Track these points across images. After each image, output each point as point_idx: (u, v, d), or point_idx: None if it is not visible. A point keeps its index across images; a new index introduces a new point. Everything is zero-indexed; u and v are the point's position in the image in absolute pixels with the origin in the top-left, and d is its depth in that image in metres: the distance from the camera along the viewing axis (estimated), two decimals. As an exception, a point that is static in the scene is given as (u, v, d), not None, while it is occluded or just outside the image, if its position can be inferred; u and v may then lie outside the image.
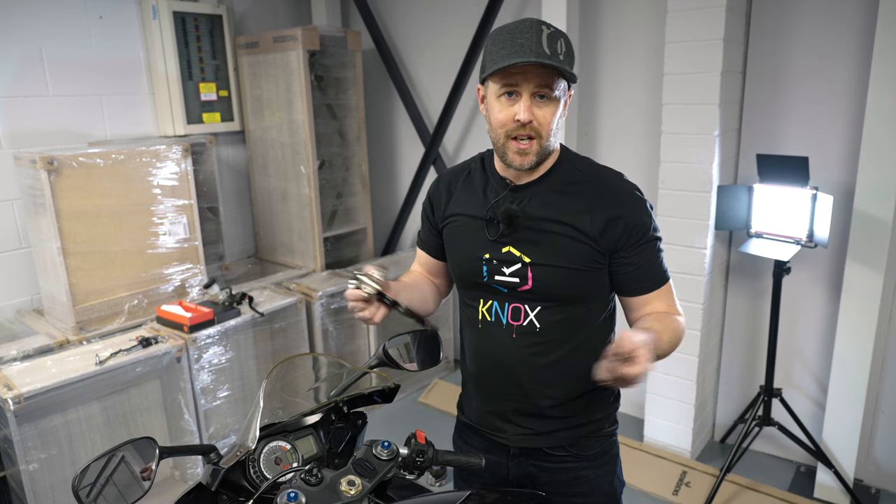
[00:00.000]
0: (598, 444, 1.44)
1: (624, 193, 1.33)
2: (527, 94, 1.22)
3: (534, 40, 1.18)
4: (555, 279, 1.31)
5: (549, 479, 1.44)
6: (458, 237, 1.43)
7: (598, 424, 1.43)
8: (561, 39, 1.22)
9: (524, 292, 1.33)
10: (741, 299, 3.00)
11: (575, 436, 1.41)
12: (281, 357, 2.98)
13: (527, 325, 1.35)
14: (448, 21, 3.61)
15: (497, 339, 1.38)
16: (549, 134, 1.25)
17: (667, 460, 2.93)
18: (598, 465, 1.45)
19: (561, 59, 1.20)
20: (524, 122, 1.22)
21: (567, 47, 1.23)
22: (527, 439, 1.42)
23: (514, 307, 1.35)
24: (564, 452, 1.42)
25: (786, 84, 2.67)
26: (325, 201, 3.66)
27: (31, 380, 2.22)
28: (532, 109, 1.22)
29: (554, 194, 1.32)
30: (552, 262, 1.30)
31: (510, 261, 1.33)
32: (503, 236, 1.33)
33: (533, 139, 1.24)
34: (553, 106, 1.24)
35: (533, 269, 1.31)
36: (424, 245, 1.56)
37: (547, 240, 1.31)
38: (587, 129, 3.21)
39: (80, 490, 1.01)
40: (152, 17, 3.15)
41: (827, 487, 2.69)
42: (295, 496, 0.99)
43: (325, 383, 1.47)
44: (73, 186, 2.56)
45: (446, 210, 1.46)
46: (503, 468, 1.47)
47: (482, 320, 1.40)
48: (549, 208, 1.31)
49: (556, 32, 1.22)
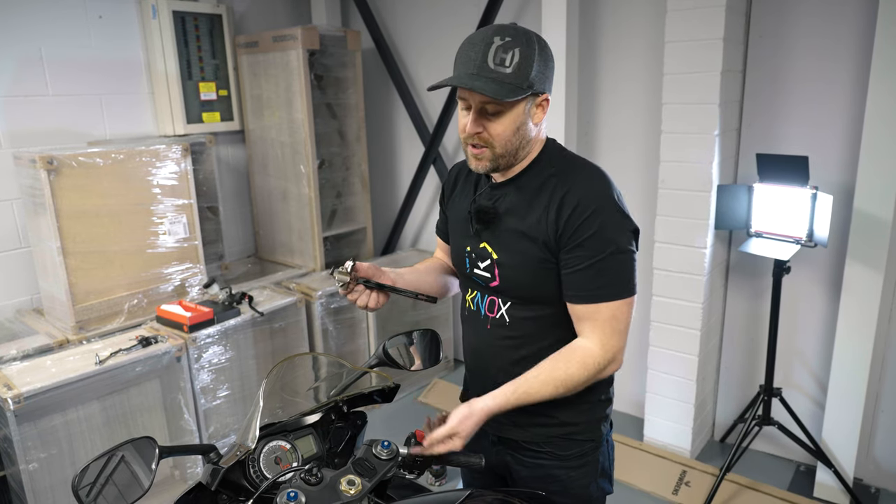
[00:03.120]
0: (575, 447, 1.43)
1: (584, 183, 1.28)
2: (475, 108, 1.25)
3: (480, 54, 1.20)
4: (517, 279, 1.35)
5: (525, 472, 1.47)
6: (454, 228, 1.50)
7: (573, 428, 1.42)
8: (514, 50, 1.19)
9: (495, 287, 1.39)
10: (741, 299, 3.00)
11: (547, 434, 1.42)
12: (281, 357, 2.98)
13: (498, 319, 1.40)
14: (448, 21, 3.61)
15: (477, 329, 1.46)
16: (504, 143, 1.27)
17: (666, 460, 2.94)
18: (572, 466, 1.43)
19: (508, 71, 1.19)
20: (470, 133, 1.27)
21: (521, 57, 1.19)
22: (503, 428, 1.45)
23: (490, 299, 1.41)
24: (539, 449, 1.44)
25: (786, 84, 2.67)
26: (324, 201, 3.66)
27: (30, 379, 2.22)
28: (482, 122, 1.25)
29: (525, 192, 1.34)
30: (514, 263, 1.34)
31: (484, 256, 1.39)
32: (478, 232, 1.39)
33: (485, 147, 1.28)
34: (505, 119, 1.24)
35: (499, 266, 1.36)
36: (440, 231, 1.63)
37: (510, 240, 1.34)
38: (587, 129, 3.21)
39: (80, 490, 1.01)
40: (152, 17, 3.15)
41: (827, 487, 2.69)
42: (295, 496, 0.99)
43: (324, 383, 1.48)
44: (72, 186, 2.56)
45: (450, 200, 1.53)
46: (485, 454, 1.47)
47: (468, 309, 1.48)
48: (515, 207, 1.34)
49: (509, 43, 1.19)
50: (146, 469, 1.06)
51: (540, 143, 1.36)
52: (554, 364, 1.29)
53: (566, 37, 2.92)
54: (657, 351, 2.94)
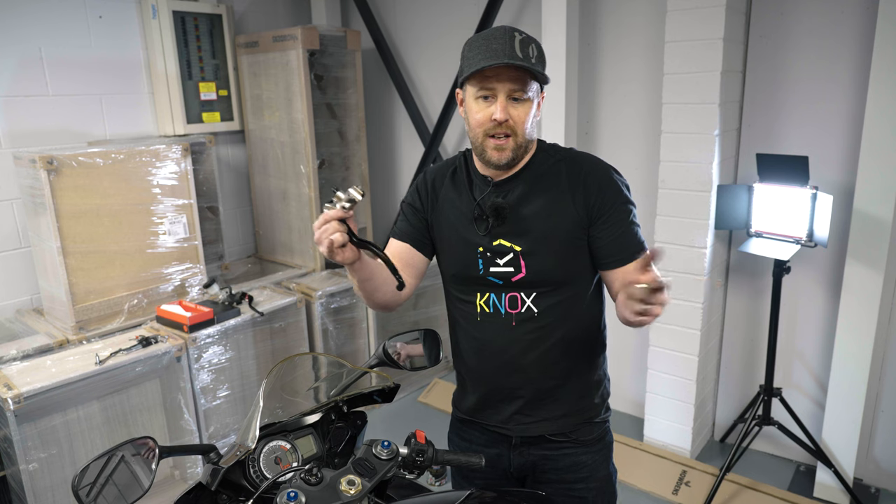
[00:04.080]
0: (596, 430, 1.50)
1: (593, 162, 1.42)
2: (503, 95, 1.29)
3: (507, 45, 1.27)
4: (546, 263, 1.38)
5: (550, 466, 1.48)
6: (451, 235, 1.46)
7: (596, 409, 1.49)
8: (532, 45, 1.30)
9: (519, 280, 1.39)
10: (741, 299, 3.00)
11: (575, 422, 1.47)
12: (281, 357, 2.98)
13: (525, 312, 1.41)
14: (448, 21, 3.61)
15: (497, 330, 1.43)
16: (524, 132, 1.33)
17: (666, 460, 2.94)
18: (595, 450, 1.50)
19: (533, 62, 1.29)
20: (500, 120, 1.30)
21: (539, 52, 1.32)
22: (529, 427, 1.47)
23: (511, 296, 1.41)
24: (565, 438, 1.47)
25: (786, 84, 2.67)
26: (324, 201, 3.65)
27: (30, 379, 2.22)
28: (507, 109, 1.30)
29: (534, 182, 1.39)
30: (542, 247, 1.37)
31: (503, 252, 1.39)
32: (493, 230, 1.39)
33: (510, 136, 1.32)
34: (527, 106, 1.32)
35: (525, 257, 1.38)
36: (403, 235, 1.51)
37: (534, 226, 1.37)
38: (587, 129, 3.21)
39: (80, 489, 1.01)
40: (152, 17, 3.15)
41: (827, 487, 2.69)
42: (295, 496, 0.99)
43: (324, 383, 1.48)
44: (72, 186, 2.56)
45: (435, 206, 1.48)
46: (504, 460, 1.51)
47: (480, 313, 1.45)
48: (531, 195, 1.39)
49: (527, 38, 1.30)
50: (146, 469, 1.06)
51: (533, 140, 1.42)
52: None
53: (566, 37, 2.92)
54: (657, 351, 2.94)
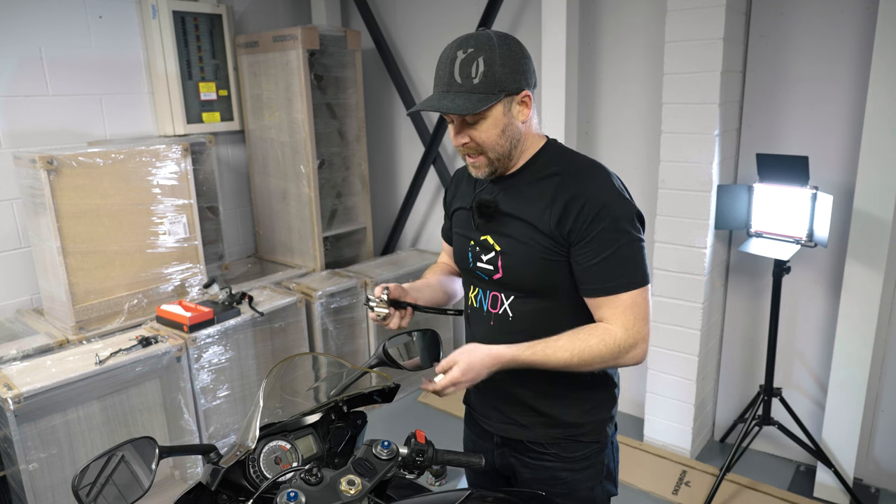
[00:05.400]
0: (581, 449, 1.43)
1: (589, 185, 1.29)
2: (456, 121, 1.30)
3: (446, 72, 1.25)
4: (520, 270, 1.35)
5: (529, 474, 1.46)
6: (457, 226, 1.52)
7: (578, 430, 1.42)
8: (477, 60, 1.22)
9: (498, 280, 1.39)
10: (741, 299, 3.00)
11: (553, 436, 1.42)
12: (281, 357, 2.98)
13: (502, 314, 1.40)
14: (448, 21, 3.61)
15: (480, 326, 1.45)
16: (494, 146, 1.30)
17: (666, 460, 2.94)
18: (578, 469, 1.43)
19: (476, 82, 1.23)
20: (457, 146, 1.32)
21: (485, 66, 1.22)
22: (509, 429, 1.45)
23: (493, 295, 1.42)
24: (544, 450, 1.43)
25: (786, 84, 2.67)
26: (324, 201, 3.66)
27: (30, 379, 2.22)
28: (466, 132, 1.29)
29: (525, 186, 1.36)
30: (517, 253, 1.35)
31: (487, 248, 1.40)
32: (481, 225, 1.40)
33: (480, 154, 1.32)
34: (486, 124, 1.27)
35: (503, 258, 1.37)
36: (444, 232, 1.66)
37: (514, 231, 1.35)
38: (587, 128, 3.21)
39: (80, 489, 1.01)
40: (152, 17, 3.15)
41: (827, 487, 2.69)
42: (295, 496, 0.99)
43: (324, 383, 1.48)
44: (72, 186, 2.56)
45: (452, 201, 1.56)
46: (489, 456, 1.51)
47: (471, 306, 1.49)
48: (516, 200, 1.36)
49: (471, 55, 1.23)
50: (146, 469, 1.06)
51: (538, 139, 1.38)
52: (574, 334, 1.28)
53: (566, 37, 2.92)
54: (657, 351, 2.94)
